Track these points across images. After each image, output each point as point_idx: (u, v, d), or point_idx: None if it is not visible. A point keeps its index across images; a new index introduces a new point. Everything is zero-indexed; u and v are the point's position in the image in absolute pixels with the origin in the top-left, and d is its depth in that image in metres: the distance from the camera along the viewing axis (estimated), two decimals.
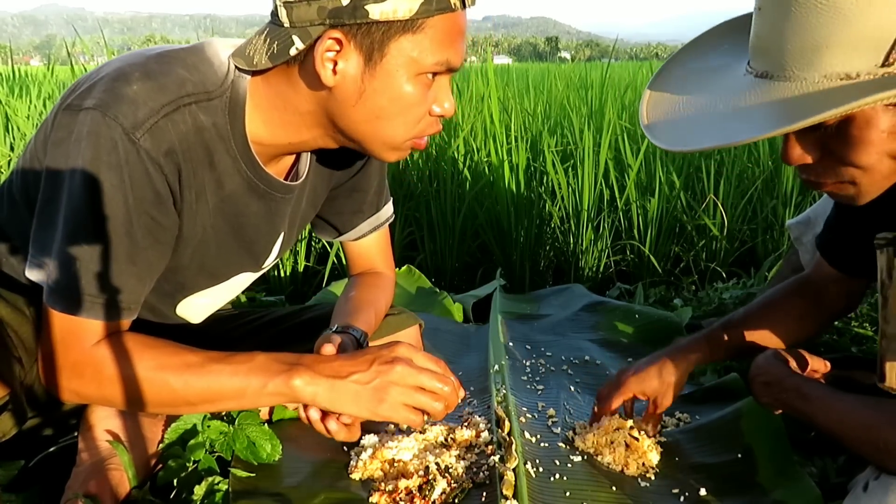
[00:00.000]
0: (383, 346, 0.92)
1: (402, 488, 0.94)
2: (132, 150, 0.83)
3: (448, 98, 0.93)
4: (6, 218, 1.01)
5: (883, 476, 0.82)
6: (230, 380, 0.88)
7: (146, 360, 0.88)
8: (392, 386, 0.87)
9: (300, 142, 0.97)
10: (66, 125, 0.85)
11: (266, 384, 0.88)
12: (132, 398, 0.88)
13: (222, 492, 0.95)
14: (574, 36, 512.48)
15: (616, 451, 1.07)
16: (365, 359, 0.90)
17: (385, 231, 1.28)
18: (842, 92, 0.68)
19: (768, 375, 0.99)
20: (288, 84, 0.91)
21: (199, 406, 0.91)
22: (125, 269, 0.86)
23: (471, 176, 2.55)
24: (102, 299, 0.85)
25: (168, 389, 0.88)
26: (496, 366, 1.40)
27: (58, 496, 0.95)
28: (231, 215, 0.99)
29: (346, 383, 0.88)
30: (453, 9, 0.86)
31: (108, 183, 0.83)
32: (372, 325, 1.14)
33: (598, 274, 2.35)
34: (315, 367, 0.88)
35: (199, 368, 0.88)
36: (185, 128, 0.87)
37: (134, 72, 0.85)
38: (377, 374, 0.88)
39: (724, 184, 2.41)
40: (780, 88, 0.72)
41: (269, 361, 0.89)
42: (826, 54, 0.68)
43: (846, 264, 1.12)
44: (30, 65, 7.38)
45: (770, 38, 0.73)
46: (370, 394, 0.87)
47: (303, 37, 0.85)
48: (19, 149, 2.94)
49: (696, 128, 0.79)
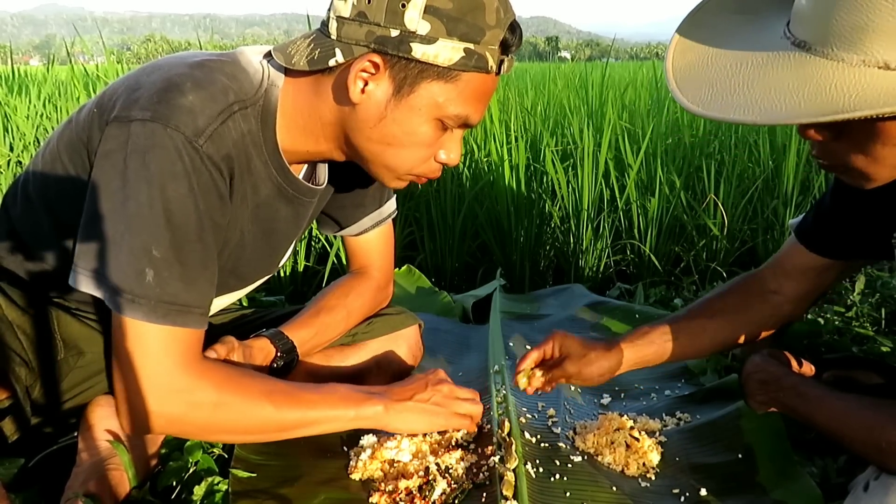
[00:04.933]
0: (426, 374, 1.08)
1: (402, 489, 0.94)
2: (196, 158, 0.85)
3: (456, 150, 0.98)
4: (18, 215, 1.01)
5: (883, 476, 0.81)
6: (324, 409, 0.96)
7: (251, 388, 0.91)
8: (446, 401, 1.05)
9: (316, 151, 1.00)
10: (118, 137, 0.85)
11: (360, 412, 0.98)
12: (229, 426, 0.91)
13: (222, 492, 0.95)
14: (574, 36, 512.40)
15: (616, 451, 1.07)
16: (417, 385, 1.05)
17: (388, 230, 1.29)
18: (882, 84, 0.66)
19: (765, 373, 0.98)
20: (316, 92, 0.94)
21: (289, 431, 0.96)
22: (199, 274, 0.87)
23: (471, 176, 2.55)
24: (181, 307, 0.85)
25: (270, 416, 0.92)
26: (496, 366, 1.40)
27: (58, 496, 0.95)
28: (263, 220, 1.02)
29: (412, 403, 1.02)
30: (489, 71, 0.90)
31: (176, 192, 0.84)
32: (339, 326, 1.21)
33: (598, 274, 2.35)
34: (385, 397, 1.01)
35: (292, 398, 0.93)
36: (236, 134, 0.90)
37: (185, 82, 0.87)
38: (434, 392, 1.05)
39: (725, 183, 2.41)
40: (818, 66, 0.70)
41: (350, 391, 1.00)
42: (869, 38, 0.66)
43: (831, 246, 1.07)
44: (29, 64, 7.38)
45: (815, 10, 0.71)
46: (432, 408, 1.03)
47: (345, 52, 0.89)
48: (19, 149, 2.94)
49: (727, 94, 0.76)
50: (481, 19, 0.87)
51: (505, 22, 0.89)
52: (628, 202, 2.40)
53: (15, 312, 1.03)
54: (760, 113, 0.72)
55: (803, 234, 1.10)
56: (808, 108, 0.69)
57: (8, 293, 1.04)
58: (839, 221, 1.04)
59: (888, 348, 1.49)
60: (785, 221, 2.34)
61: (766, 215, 2.43)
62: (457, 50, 0.87)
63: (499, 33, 0.89)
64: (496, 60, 0.90)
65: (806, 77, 0.70)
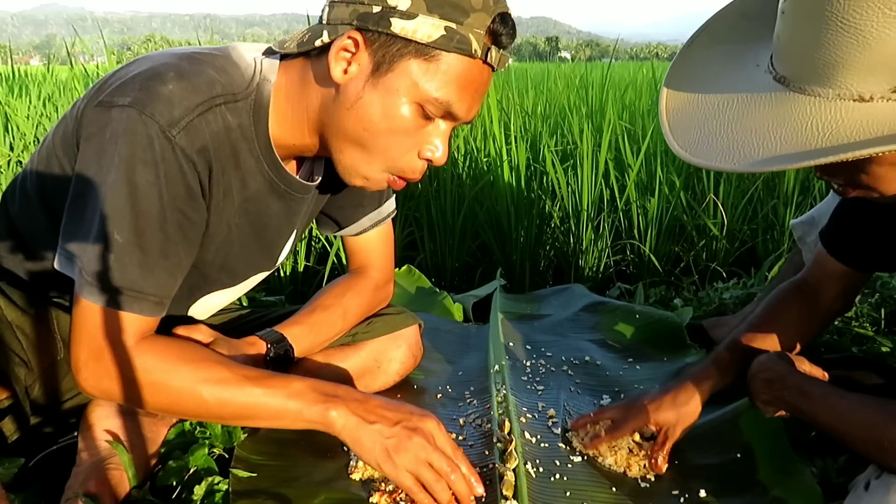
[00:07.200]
0: (415, 412, 0.92)
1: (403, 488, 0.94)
2: (168, 148, 0.85)
3: (441, 146, 0.94)
4: (17, 213, 1.02)
5: (885, 475, 0.81)
6: (267, 401, 0.90)
7: (184, 373, 0.89)
8: (404, 451, 0.88)
9: (302, 145, 0.99)
10: (98, 121, 0.86)
11: (303, 412, 0.90)
12: (163, 406, 0.90)
13: (222, 492, 0.95)
14: (574, 36, 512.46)
15: (618, 454, 1.06)
16: (394, 416, 0.91)
17: (387, 229, 1.28)
18: (858, 117, 0.68)
19: (770, 372, 0.99)
20: (304, 79, 0.94)
21: (229, 420, 0.94)
22: (158, 263, 0.87)
23: (471, 176, 2.55)
24: (136, 293, 0.86)
25: (202, 404, 0.89)
26: (496, 366, 1.40)
27: (58, 496, 0.95)
28: (253, 215, 1.02)
29: (370, 429, 0.89)
30: (472, 54, 0.88)
31: (143, 179, 0.84)
32: (336, 324, 1.20)
33: (598, 274, 2.35)
34: (349, 405, 0.90)
35: (236, 387, 0.89)
36: (217, 127, 0.90)
37: (168, 71, 0.87)
38: (397, 434, 0.89)
39: (725, 183, 2.41)
40: (796, 102, 0.72)
41: (307, 389, 0.91)
42: (842, 73, 0.68)
43: (852, 258, 1.11)
44: (29, 64, 7.38)
45: (789, 46, 0.73)
46: (384, 448, 0.89)
47: (331, 32, 0.89)
48: (19, 149, 2.94)
49: (713, 137, 0.78)
50: (465, 0, 0.86)
51: (493, 9, 0.88)
52: (628, 202, 2.40)
53: (15, 312, 1.03)
54: (739, 160, 0.73)
55: (828, 240, 1.13)
56: (785, 149, 0.71)
57: (8, 293, 1.04)
58: (855, 229, 1.07)
59: (888, 348, 1.49)
60: (785, 221, 2.33)
61: (765, 215, 2.43)
62: (437, 27, 0.86)
63: (484, 18, 0.87)
64: (482, 46, 0.88)
65: (784, 115, 0.72)
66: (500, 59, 0.92)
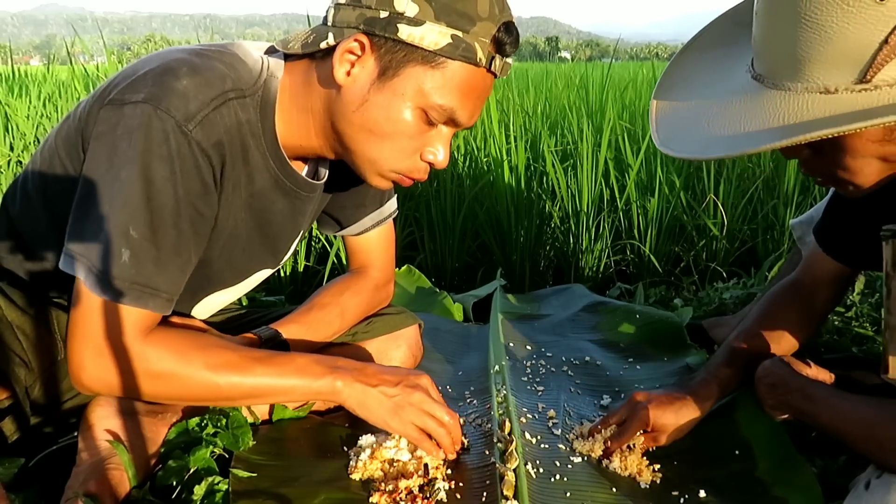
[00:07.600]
0: (411, 372, 1.02)
1: (403, 488, 0.94)
2: (184, 143, 0.85)
3: (443, 150, 0.96)
4: (18, 213, 1.02)
5: (885, 474, 0.82)
6: (276, 380, 0.94)
7: (195, 361, 0.90)
8: (409, 406, 0.97)
9: (308, 146, 1.00)
10: (109, 119, 0.86)
11: (311, 385, 0.96)
12: (175, 395, 0.92)
13: (222, 492, 0.95)
14: (574, 36, 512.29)
15: (628, 458, 1.05)
16: (393, 377, 0.99)
17: (389, 229, 1.28)
18: (823, 108, 0.71)
19: (774, 377, 1.00)
20: (308, 80, 0.94)
21: (238, 402, 0.98)
22: (171, 259, 0.88)
23: (471, 176, 2.55)
24: (151, 290, 0.86)
25: (214, 389, 0.91)
26: (496, 366, 1.40)
27: (58, 496, 0.94)
28: (258, 211, 1.02)
29: (374, 391, 0.97)
30: (476, 63, 0.89)
31: (159, 174, 0.84)
32: (334, 323, 1.20)
33: (598, 274, 2.35)
34: (351, 373, 0.97)
35: (246, 369, 0.92)
36: (230, 122, 0.90)
37: (181, 67, 0.87)
38: (400, 392, 0.98)
39: (725, 183, 2.41)
40: (769, 97, 0.75)
41: (311, 363, 0.97)
42: (807, 67, 0.71)
43: (846, 254, 1.11)
44: (29, 64, 7.37)
45: (763, 45, 0.76)
46: (390, 406, 0.97)
47: (336, 35, 0.90)
48: (19, 149, 2.94)
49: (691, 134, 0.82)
50: (472, 9, 0.87)
51: (499, 18, 0.89)
52: (628, 202, 2.40)
53: (15, 313, 1.03)
54: (704, 149, 0.78)
55: (822, 236, 1.14)
56: (762, 136, 0.73)
57: (8, 293, 1.04)
58: (846, 225, 1.07)
59: None
60: (785, 221, 2.33)
61: (765, 215, 2.43)
62: (444, 35, 0.87)
63: (490, 27, 0.88)
64: (486, 54, 0.89)
65: (755, 109, 0.76)
66: (503, 67, 0.93)
